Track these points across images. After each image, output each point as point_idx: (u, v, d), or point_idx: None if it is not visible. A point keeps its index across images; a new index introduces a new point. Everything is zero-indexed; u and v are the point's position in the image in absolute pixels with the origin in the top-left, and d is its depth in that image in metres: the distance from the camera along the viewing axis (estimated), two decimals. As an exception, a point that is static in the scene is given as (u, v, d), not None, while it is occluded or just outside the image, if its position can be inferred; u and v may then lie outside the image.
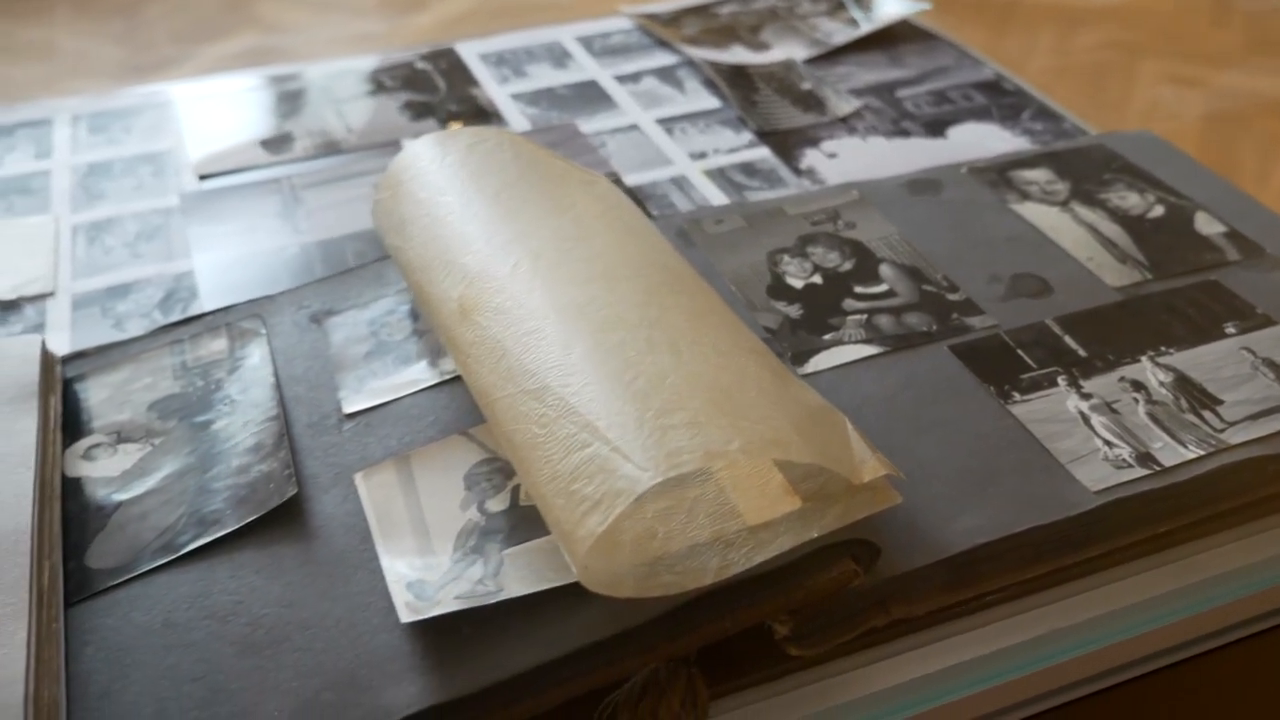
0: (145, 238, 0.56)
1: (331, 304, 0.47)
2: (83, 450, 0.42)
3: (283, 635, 0.34)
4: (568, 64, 0.71)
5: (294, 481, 0.38)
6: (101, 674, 0.34)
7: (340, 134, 0.64)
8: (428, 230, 0.41)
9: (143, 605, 0.36)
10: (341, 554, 0.36)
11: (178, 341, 0.46)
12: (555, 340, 0.35)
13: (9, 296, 0.52)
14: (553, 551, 0.35)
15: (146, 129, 0.65)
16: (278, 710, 0.32)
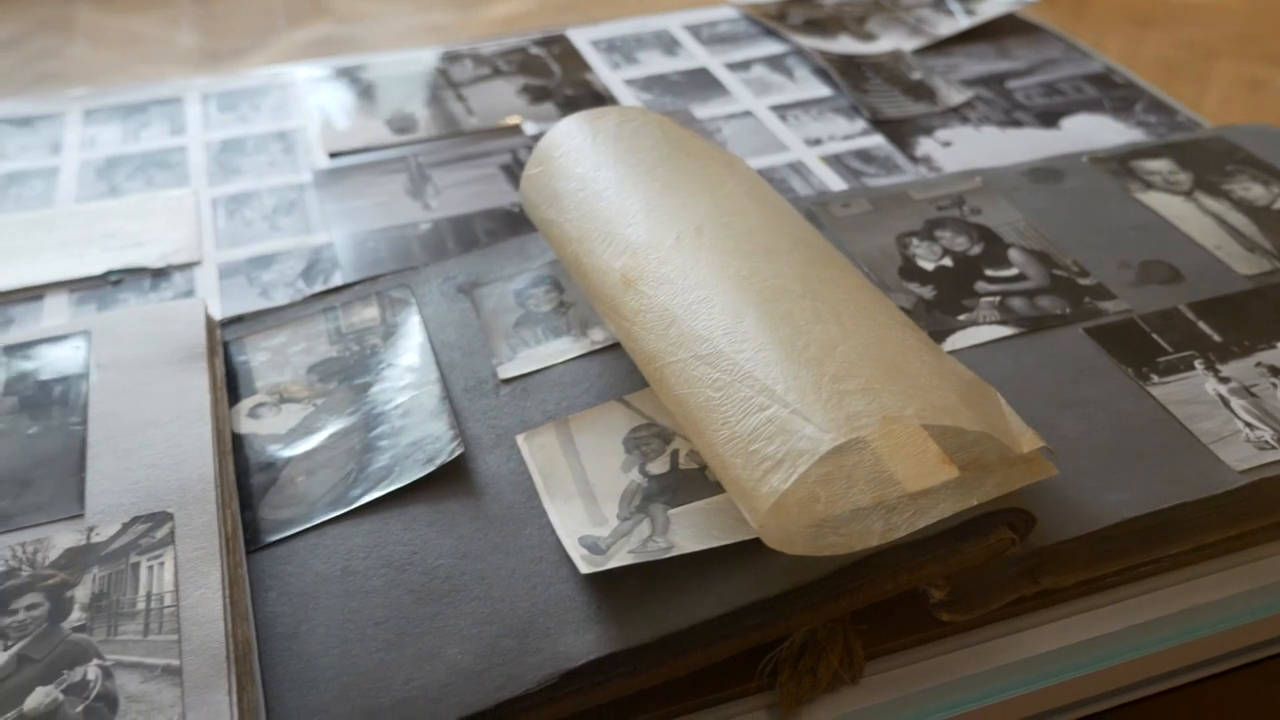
0: (282, 211, 0.58)
1: (477, 276, 0.48)
2: (248, 409, 0.44)
3: (459, 584, 0.36)
4: (677, 51, 0.73)
5: (461, 441, 0.40)
6: (287, 617, 0.36)
7: (461, 115, 0.66)
8: (585, 204, 0.42)
9: (320, 554, 0.38)
10: (510, 510, 0.38)
11: (330, 309, 0.48)
12: (725, 308, 0.36)
13: (159, 265, 0.54)
14: (718, 512, 0.36)
15: (273, 108, 0.67)
16: (460, 654, 0.34)
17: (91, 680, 0.32)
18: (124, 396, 0.42)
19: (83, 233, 0.56)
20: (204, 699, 0.32)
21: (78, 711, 0.31)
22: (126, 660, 0.33)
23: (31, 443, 0.40)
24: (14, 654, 0.33)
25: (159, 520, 0.37)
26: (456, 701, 0.33)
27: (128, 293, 0.52)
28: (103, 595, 0.35)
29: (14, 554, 0.36)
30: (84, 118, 0.66)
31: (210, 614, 0.34)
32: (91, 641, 0.33)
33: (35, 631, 0.34)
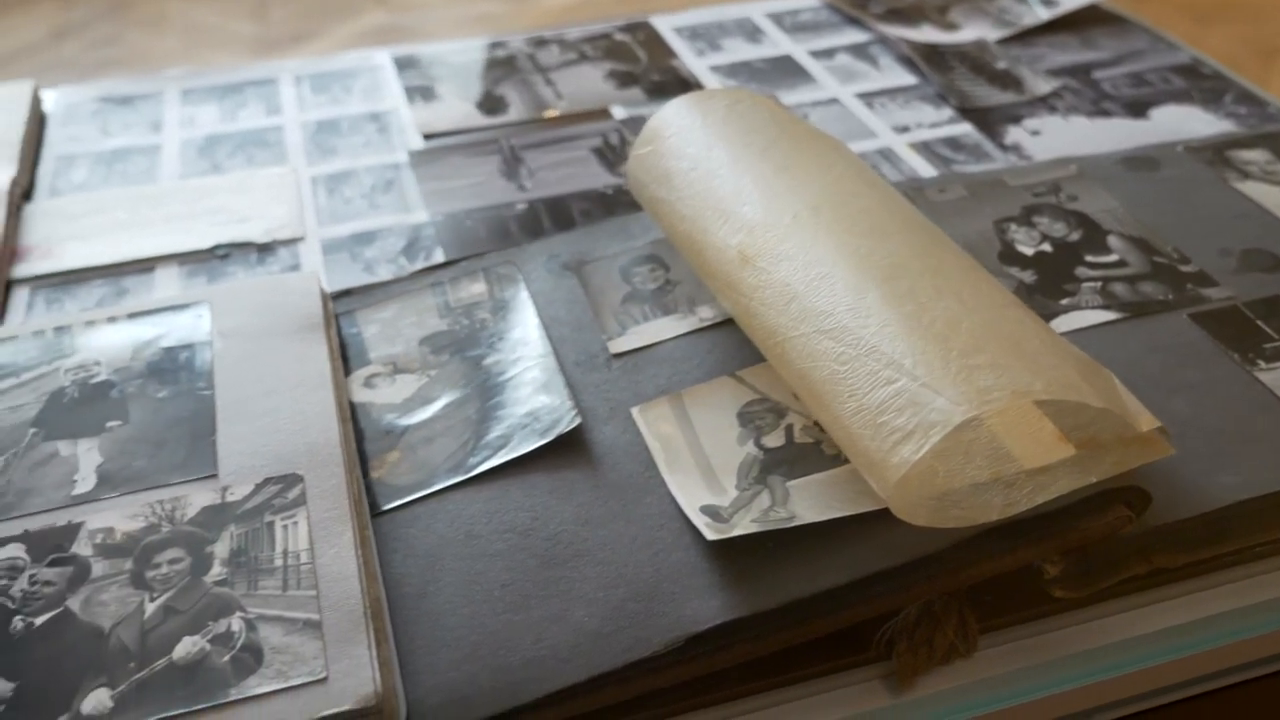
0: (380, 190, 0.59)
1: (582, 254, 0.49)
2: (363, 379, 0.45)
3: (582, 550, 0.37)
4: (760, 39, 0.73)
5: (578, 412, 0.41)
6: (414, 578, 0.37)
7: (550, 99, 0.67)
8: (699, 183, 0.43)
9: (443, 519, 0.39)
10: (628, 479, 0.39)
11: (438, 284, 0.49)
12: (847, 285, 0.37)
13: (264, 240, 0.55)
14: (837, 484, 0.37)
15: (364, 90, 0.69)
16: (586, 616, 0.35)
17: (236, 632, 0.33)
18: (247, 364, 0.43)
19: (188, 208, 0.58)
20: (345, 652, 0.33)
21: (224, 661, 0.33)
22: (268, 614, 0.34)
23: (162, 406, 0.41)
24: (160, 605, 0.34)
25: (290, 482, 0.38)
26: (586, 662, 0.34)
27: (235, 266, 0.54)
28: (241, 552, 0.36)
29: (153, 510, 0.37)
30: (182, 97, 0.68)
31: (345, 571, 0.35)
32: (234, 595, 0.35)
33: (179, 584, 0.35)
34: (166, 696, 0.32)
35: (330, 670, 0.32)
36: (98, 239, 0.55)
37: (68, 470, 0.39)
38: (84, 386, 0.42)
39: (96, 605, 0.34)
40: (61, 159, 0.62)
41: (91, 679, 0.32)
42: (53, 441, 0.40)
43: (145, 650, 0.33)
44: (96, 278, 0.53)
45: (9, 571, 0.35)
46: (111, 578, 0.35)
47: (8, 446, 0.40)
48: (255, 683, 0.32)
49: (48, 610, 0.34)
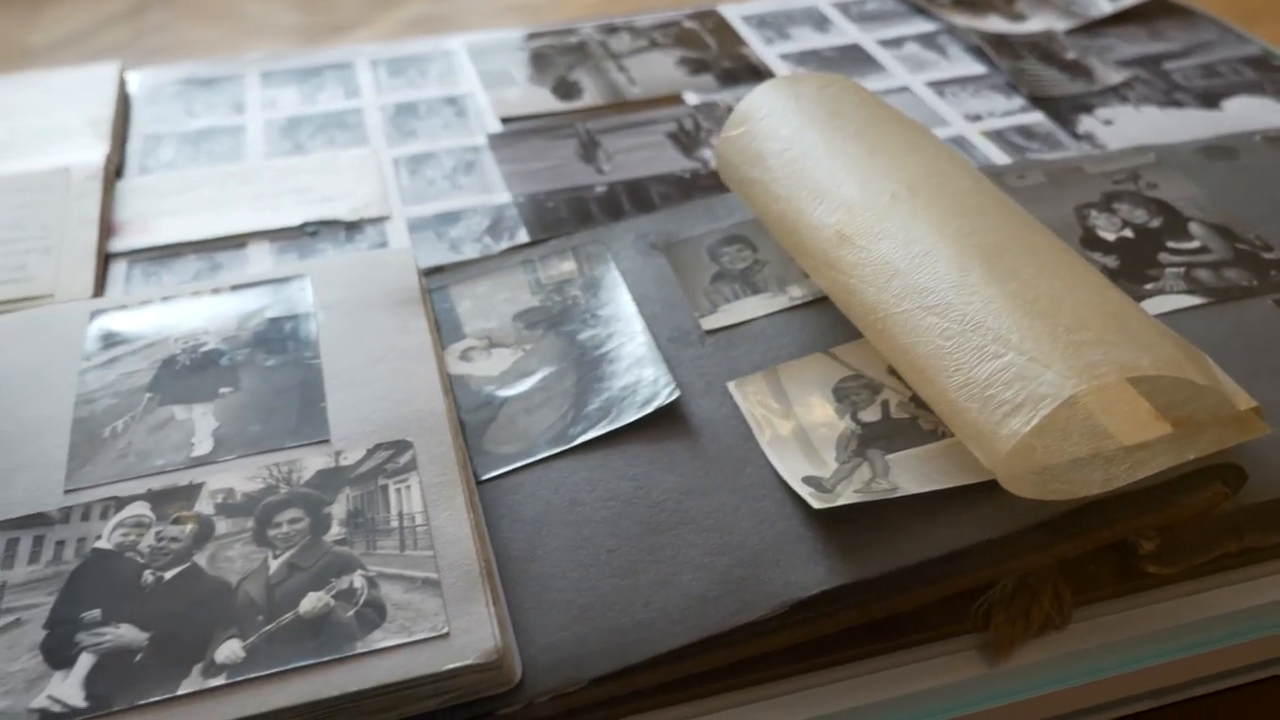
0: (461, 171, 0.60)
1: (669, 234, 0.50)
2: (459, 352, 0.46)
3: (686, 517, 0.38)
4: (828, 28, 0.74)
5: (676, 386, 0.42)
6: (521, 542, 0.38)
7: (624, 85, 0.68)
8: (793, 163, 0.44)
9: (547, 486, 0.40)
10: (728, 450, 0.40)
11: (528, 261, 0.50)
12: (949, 262, 0.37)
13: (351, 218, 0.56)
14: (936, 458, 0.38)
15: (440, 75, 0.70)
16: (694, 581, 0.36)
17: (358, 588, 0.35)
18: (350, 335, 0.44)
19: (275, 186, 0.59)
20: (464, 610, 0.34)
21: (349, 616, 0.34)
22: (388, 572, 0.35)
23: (271, 374, 0.43)
24: (284, 562, 0.36)
25: (400, 448, 0.39)
26: (694, 625, 0.35)
27: (324, 243, 0.55)
28: (358, 513, 0.37)
29: (270, 473, 0.39)
30: (262, 80, 0.69)
31: (459, 533, 0.36)
32: (354, 554, 0.36)
33: (300, 543, 0.36)
34: (295, 648, 0.33)
35: (451, 626, 0.33)
36: (189, 215, 0.57)
37: (185, 433, 0.40)
38: (194, 355, 0.44)
39: (222, 561, 0.36)
40: (149, 138, 0.64)
41: (223, 630, 0.34)
42: (168, 406, 0.41)
43: (272, 604, 0.34)
44: (190, 253, 0.55)
45: (136, 528, 0.37)
46: (234, 535, 0.36)
47: (125, 410, 0.41)
48: (380, 637, 0.33)
49: (176, 565, 0.36)
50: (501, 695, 0.33)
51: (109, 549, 0.36)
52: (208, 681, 0.32)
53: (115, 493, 0.38)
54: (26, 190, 0.57)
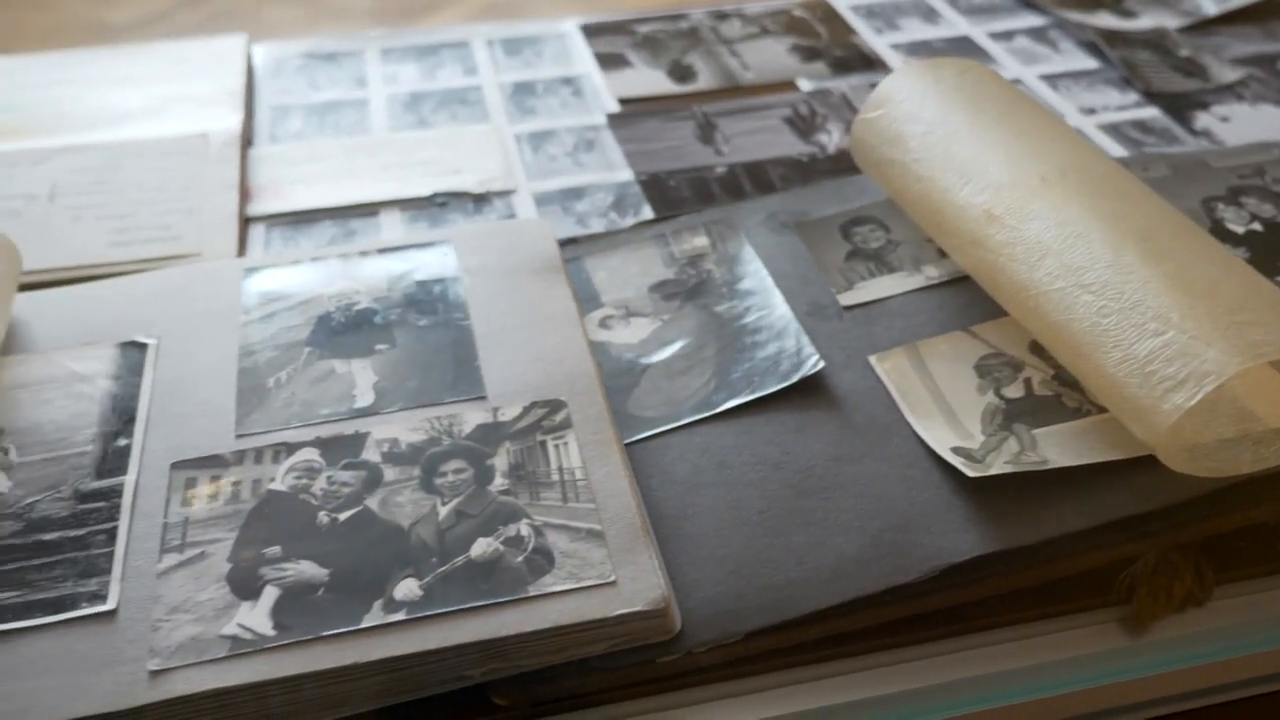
0: (582, 149, 0.62)
1: (800, 213, 0.51)
2: (598, 320, 0.47)
3: (834, 483, 0.39)
4: (937, 20, 0.74)
5: (819, 358, 0.43)
6: (673, 501, 0.39)
7: (737, 70, 0.69)
8: (937, 145, 0.45)
9: (694, 449, 0.41)
10: (873, 421, 0.41)
11: (659, 236, 0.51)
12: (1103, 243, 0.38)
13: (479, 190, 0.58)
14: (1084, 433, 0.39)
15: (554, 55, 0.71)
16: (845, 543, 0.37)
17: (526, 536, 0.36)
18: (496, 299, 0.46)
19: (401, 158, 0.61)
20: (628, 560, 0.35)
21: (519, 561, 0.35)
22: (553, 522, 0.36)
23: (424, 333, 0.44)
24: (452, 509, 0.37)
25: (555, 406, 0.41)
26: (847, 585, 0.36)
27: (453, 214, 0.56)
28: (520, 466, 0.38)
29: (432, 425, 0.40)
30: (382, 56, 0.71)
31: (618, 489, 0.38)
32: (518, 504, 0.37)
33: (466, 492, 0.38)
34: (470, 589, 0.34)
35: (618, 575, 0.35)
36: (321, 183, 0.59)
37: (346, 386, 0.42)
38: (348, 313, 0.45)
39: (393, 506, 0.37)
40: (276, 109, 0.66)
41: (399, 569, 0.35)
42: (328, 360, 0.43)
43: (444, 547, 0.36)
44: (325, 219, 0.56)
45: (308, 472, 0.38)
46: (402, 483, 0.38)
47: (287, 362, 0.43)
48: (550, 582, 0.35)
49: (348, 508, 0.37)
50: (662, 644, 0.35)
51: (283, 491, 0.38)
52: (388, 616, 0.34)
53: (285, 439, 0.40)
54: (168, 154, 0.59)
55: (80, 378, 0.42)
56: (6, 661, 0.33)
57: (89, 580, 0.35)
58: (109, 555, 0.36)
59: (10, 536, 0.37)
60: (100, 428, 0.40)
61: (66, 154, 0.58)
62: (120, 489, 0.38)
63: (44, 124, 0.61)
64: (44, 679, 0.32)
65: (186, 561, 0.35)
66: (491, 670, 0.34)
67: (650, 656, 0.35)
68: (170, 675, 0.32)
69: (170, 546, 0.36)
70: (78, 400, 0.41)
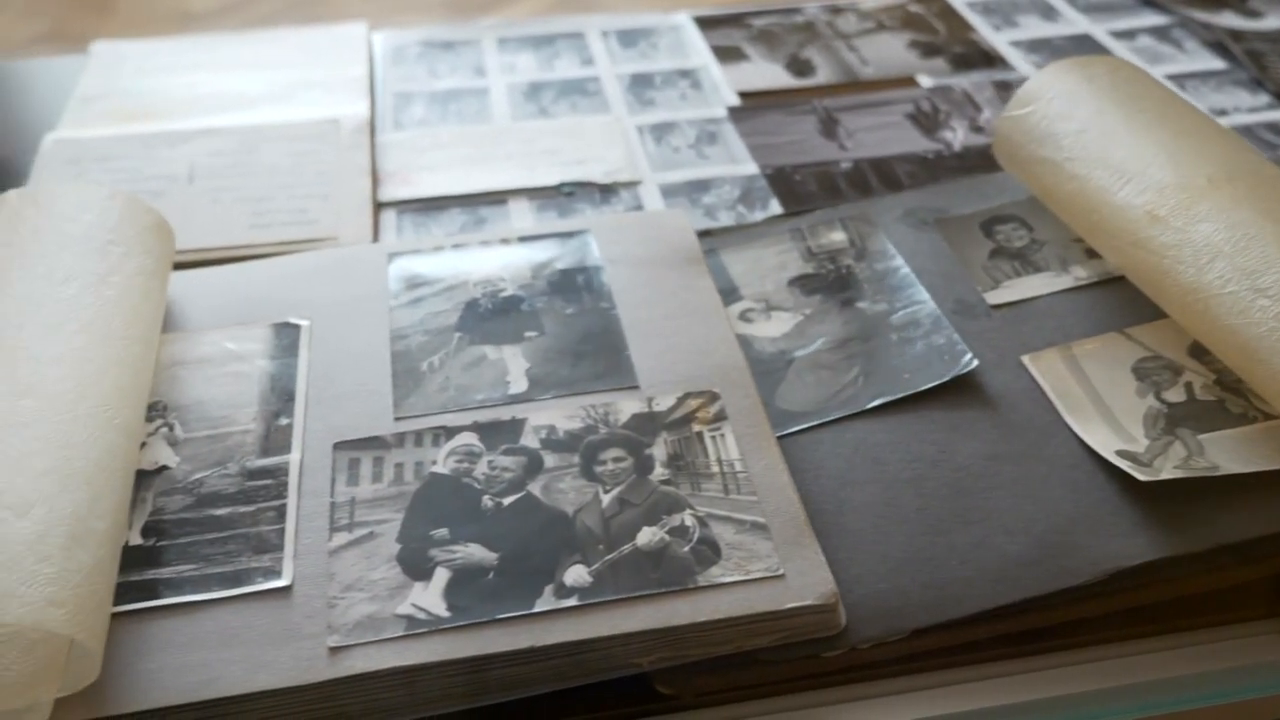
0: (705, 141, 0.62)
1: (938, 210, 0.51)
2: (738, 312, 0.47)
3: (993, 482, 0.38)
4: (1055, 17, 0.73)
5: (973, 356, 0.42)
6: (828, 496, 0.39)
7: (856, 66, 0.68)
8: (1093, 144, 0.44)
9: (846, 445, 0.41)
10: (1029, 421, 0.40)
11: (795, 230, 0.51)
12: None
13: (605, 181, 0.58)
14: (1252, 440, 0.38)
15: (669, 47, 0.71)
16: (1009, 543, 0.36)
17: (690, 526, 0.36)
18: (641, 289, 0.46)
19: (525, 147, 0.61)
20: (795, 554, 0.35)
21: (685, 551, 0.35)
22: (716, 513, 0.37)
23: (571, 321, 0.44)
24: (614, 497, 0.37)
25: (709, 398, 0.41)
26: (1014, 585, 0.35)
27: (580, 203, 0.57)
28: (678, 456, 0.38)
29: (588, 413, 0.40)
30: (498, 45, 0.71)
31: (779, 482, 0.38)
32: (680, 494, 0.37)
33: (626, 480, 0.38)
34: (638, 578, 0.34)
35: (785, 569, 0.35)
36: (447, 170, 0.59)
37: (499, 372, 0.42)
38: (495, 299, 0.46)
39: (556, 492, 0.37)
40: (399, 96, 0.66)
41: (567, 555, 0.35)
42: (478, 346, 0.43)
43: (610, 535, 0.36)
44: (454, 206, 0.57)
45: (468, 456, 0.39)
46: (563, 469, 0.38)
47: (438, 347, 0.43)
48: (718, 573, 0.35)
49: (511, 493, 0.37)
50: (827, 639, 0.35)
51: (445, 474, 0.38)
52: (560, 602, 0.34)
53: (443, 422, 0.40)
54: (299, 139, 0.59)
55: (237, 356, 0.43)
56: (188, 632, 0.34)
57: (262, 556, 0.36)
58: (279, 532, 0.36)
59: (182, 510, 0.37)
60: (261, 406, 0.41)
61: (202, 137, 0.59)
62: (285, 467, 0.39)
63: (177, 107, 0.62)
64: (226, 651, 0.33)
65: (356, 541, 0.36)
66: (660, 659, 0.34)
67: (815, 651, 0.35)
68: (350, 652, 0.33)
69: (339, 525, 0.36)
70: (236, 379, 0.42)
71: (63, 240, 0.42)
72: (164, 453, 0.39)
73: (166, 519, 0.37)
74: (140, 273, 0.42)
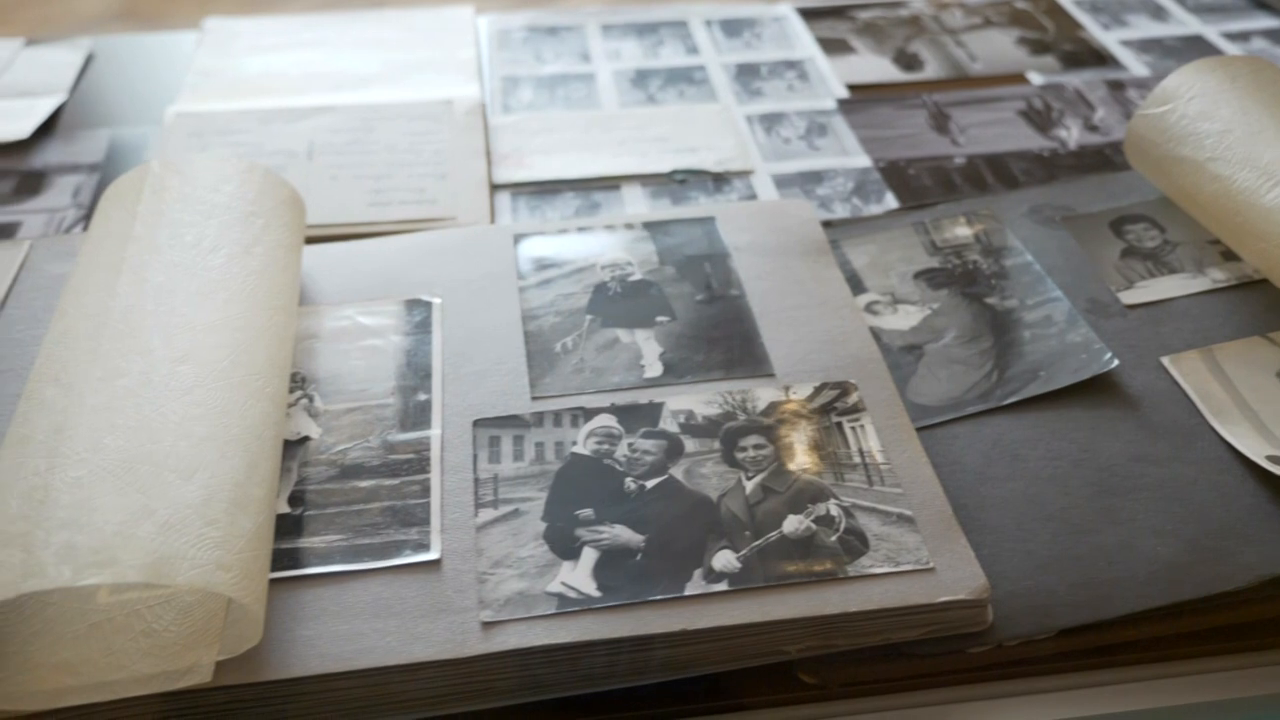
0: (815, 133, 0.61)
1: (1065, 208, 0.50)
2: (864, 304, 0.47)
3: (1139, 484, 0.38)
4: (1165, 17, 0.72)
5: (1113, 355, 0.42)
6: (968, 491, 0.39)
7: (965, 61, 0.68)
8: (1238, 145, 0.43)
9: (982, 440, 0.40)
10: (1174, 423, 0.40)
11: (918, 224, 0.51)
12: None
13: (717, 169, 0.58)
14: None
15: (774, 38, 0.71)
16: (1159, 547, 0.36)
17: (836, 516, 0.36)
18: (768, 278, 0.46)
19: (635, 134, 0.61)
20: (943, 547, 0.35)
21: (832, 540, 0.35)
22: (861, 504, 0.36)
23: (702, 308, 0.44)
24: (757, 484, 0.37)
25: (846, 389, 0.40)
26: (1166, 589, 0.35)
27: (693, 191, 0.56)
28: (819, 446, 0.38)
29: (725, 400, 0.40)
30: (602, 32, 0.72)
31: (923, 475, 0.37)
32: (823, 484, 0.37)
33: (769, 468, 0.38)
34: (787, 565, 0.34)
35: (935, 562, 0.34)
36: (559, 154, 0.59)
37: (632, 355, 0.42)
38: (624, 283, 0.46)
39: (698, 477, 0.37)
40: (507, 80, 0.66)
41: (714, 540, 0.35)
42: (610, 329, 0.43)
43: (755, 522, 0.36)
44: (567, 189, 0.57)
45: (608, 438, 0.39)
46: (704, 455, 0.38)
47: (571, 329, 0.43)
48: (867, 564, 0.34)
49: (653, 475, 0.37)
50: (974, 634, 0.34)
51: (586, 454, 0.38)
52: (710, 586, 0.34)
53: (581, 404, 0.40)
54: (415, 119, 0.60)
55: (371, 331, 0.43)
56: (341, 601, 0.34)
57: (409, 529, 0.36)
58: (425, 506, 0.37)
59: (326, 481, 0.38)
60: (398, 381, 0.41)
61: (320, 114, 0.59)
62: (427, 442, 0.39)
63: (292, 85, 0.63)
64: (380, 621, 0.33)
65: (503, 517, 0.36)
66: (808, 647, 0.34)
67: (961, 646, 0.34)
68: (503, 628, 0.33)
69: (484, 502, 0.37)
70: (371, 353, 0.42)
71: (208, 210, 0.42)
72: (306, 424, 0.40)
73: (311, 489, 0.37)
74: (279, 245, 0.43)
